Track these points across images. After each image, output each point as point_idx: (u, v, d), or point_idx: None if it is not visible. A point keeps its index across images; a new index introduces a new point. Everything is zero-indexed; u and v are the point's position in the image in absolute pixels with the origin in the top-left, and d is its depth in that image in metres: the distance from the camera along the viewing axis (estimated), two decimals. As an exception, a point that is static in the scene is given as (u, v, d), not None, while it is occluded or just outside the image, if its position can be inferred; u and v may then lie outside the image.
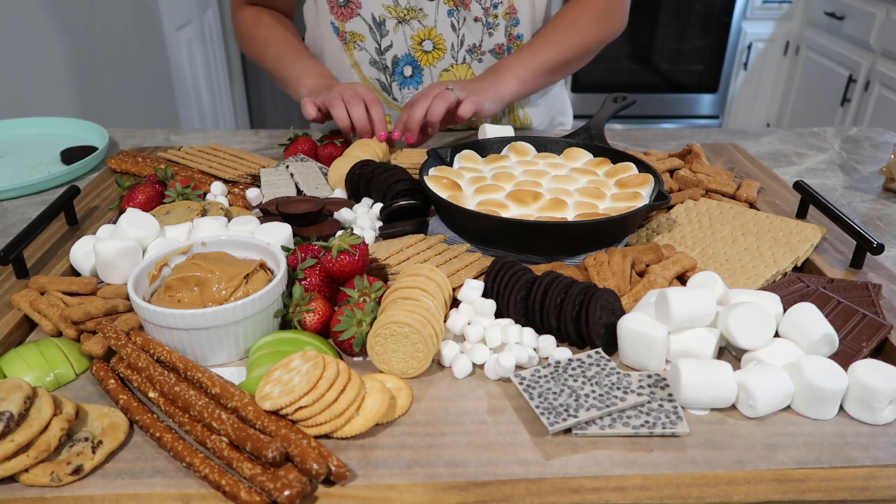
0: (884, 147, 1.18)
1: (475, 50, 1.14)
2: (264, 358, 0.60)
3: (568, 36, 1.11)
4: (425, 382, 0.61)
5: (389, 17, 1.10)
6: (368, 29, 1.11)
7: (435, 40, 1.11)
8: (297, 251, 0.70)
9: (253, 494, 0.48)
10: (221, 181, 0.96)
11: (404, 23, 1.09)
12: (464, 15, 1.09)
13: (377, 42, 1.12)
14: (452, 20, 1.09)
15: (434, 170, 0.89)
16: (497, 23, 1.11)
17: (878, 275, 0.76)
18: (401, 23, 1.10)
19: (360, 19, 1.11)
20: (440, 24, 1.10)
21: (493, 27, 1.11)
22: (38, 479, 0.50)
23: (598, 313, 0.63)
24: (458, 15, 1.09)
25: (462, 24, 1.10)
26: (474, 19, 1.10)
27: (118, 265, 0.71)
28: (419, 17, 1.09)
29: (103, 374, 0.60)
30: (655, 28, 3.15)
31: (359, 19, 1.11)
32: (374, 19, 1.10)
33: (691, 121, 3.30)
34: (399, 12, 1.09)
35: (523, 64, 1.08)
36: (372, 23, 1.10)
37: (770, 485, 0.52)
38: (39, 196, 0.98)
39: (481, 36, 1.12)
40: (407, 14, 1.09)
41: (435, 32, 1.11)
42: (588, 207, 0.81)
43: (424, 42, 1.11)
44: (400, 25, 1.10)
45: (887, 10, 2.52)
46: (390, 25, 1.10)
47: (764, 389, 0.56)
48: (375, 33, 1.11)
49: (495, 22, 1.11)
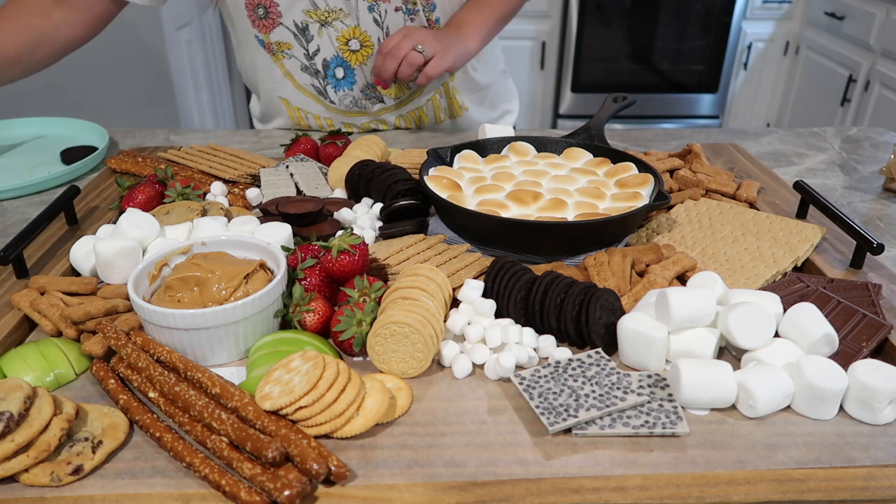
0: (884, 147, 1.18)
1: None
2: (264, 358, 0.60)
3: None
4: (425, 382, 0.61)
5: (312, 22, 1.10)
6: (293, 36, 1.11)
7: (360, 38, 1.11)
8: (297, 251, 0.70)
9: (253, 494, 0.48)
10: (221, 181, 0.96)
11: (327, 25, 1.09)
12: (384, 7, 1.09)
13: (304, 48, 1.13)
14: (374, 15, 1.10)
15: (434, 170, 0.89)
16: (416, 9, 1.12)
17: (878, 275, 0.76)
18: (323, 25, 1.10)
19: (283, 28, 1.11)
20: (363, 21, 1.10)
21: (413, 13, 1.12)
22: (38, 479, 0.50)
23: (598, 313, 0.63)
24: (378, 9, 1.09)
25: (384, 17, 1.10)
26: (395, 9, 1.10)
27: (118, 265, 0.71)
28: (340, 17, 1.09)
29: (103, 374, 0.60)
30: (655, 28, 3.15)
31: (282, 28, 1.11)
32: (297, 25, 1.10)
33: (691, 121, 3.30)
34: (320, 15, 1.09)
35: (481, 17, 1.13)
36: (295, 29, 1.10)
37: (770, 485, 0.52)
38: (39, 196, 0.98)
39: (403, 23, 1.13)
40: (328, 16, 1.09)
41: (359, 30, 1.11)
42: (588, 207, 0.81)
43: (351, 41, 1.11)
44: (323, 28, 1.10)
45: (887, 10, 2.52)
46: (314, 30, 1.10)
47: (764, 389, 0.56)
48: (301, 39, 1.11)
49: (414, 9, 1.12)
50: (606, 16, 3.09)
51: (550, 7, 3.05)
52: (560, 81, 3.19)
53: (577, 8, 3.01)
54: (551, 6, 3.04)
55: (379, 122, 1.23)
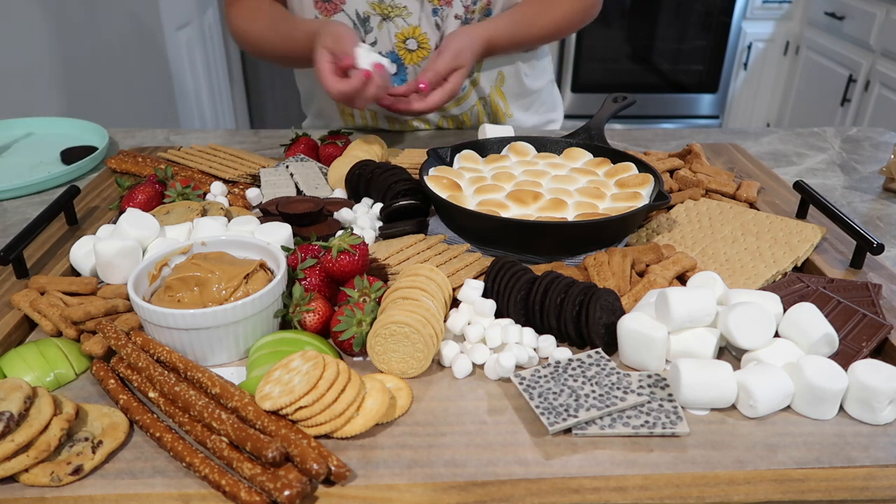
0: (884, 147, 1.18)
1: None
2: (264, 358, 0.60)
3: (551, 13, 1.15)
4: (425, 382, 0.61)
5: (374, 14, 1.09)
6: (352, 25, 1.11)
7: (419, 39, 1.11)
8: (297, 251, 0.70)
9: (253, 494, 0.48)
10: (221, 181, 0.96)
11: (388, 20, 1.09)
12: (447, 12, 1.09)
13: (361, 39, 1.12)
14: (437, 19, 1.09)
15: (434, 170, 0.89)
16: (473, 18, 1.12)
17: (878, 275, 0.76)
18: (385, 20, 1.09)
19: (343, 15, 1.10)
20: (424, 22, 1.10)
21: (468, 22, 1.12)
22: (38, 479, 0.50)
23: (598, 313, 0.63)
24: (441, 14, 1.09)
25: (445, 23, 1.10)
26: (454, 16, 1.10)
27: (118, 265, 0.71)
28: (403, 14, 1.08)
29: (103, 374, 0.60)
30: (655, 28, 3.15)
31: (342, 15, 1.10)
32: (359, 15, 1.10)
33: (691, 121, 3.30)
34: (383, 9, 1.08)
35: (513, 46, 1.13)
36: (356, 18, 1.10)
37: (770, 485, 0.52)
38: (39, 196, 0.98)
39: None
40: (391, 11, 1.08)
41: (419, 31, 1.10)
42: (588, 207, 0.81)
43: (408, 40, 1.10)
44: (384, 23, 1.09)
45: (887, 10, 2.52)
46: (374, 22, 1.10)
47: (764, 389, 0.56)
48: (360, 30, 1.11)
49: (472, 18, 1.11)
50: (606, 16, 3.08)
51: (550, 7, 3.04)
52: (560, 81, 3.19)
53: (577, 8, 3.00)
54: None
55: (423, 120, 1.23)
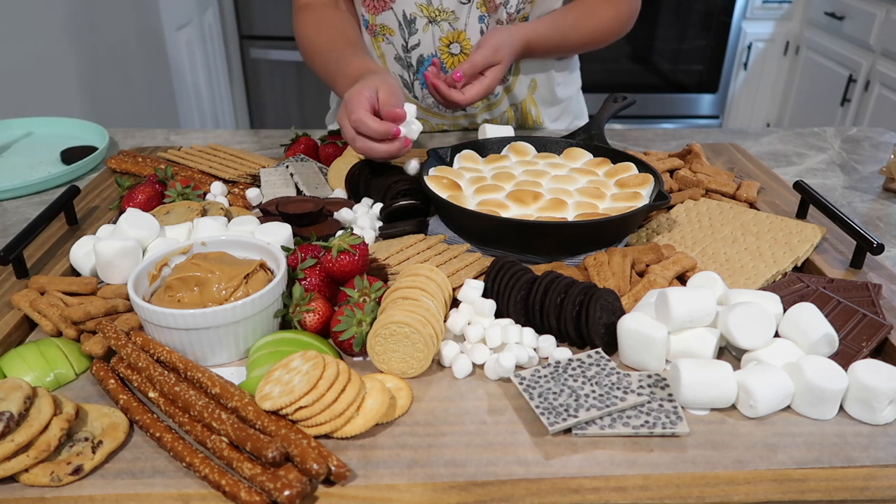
0: (884, 147, 1.18)
1: None
2: (264, 358, 0.60)
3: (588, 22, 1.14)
4: (425, 382, 0.61)
5: (420, 16, 1.09)
6: (398, 25, 1.11)
7: (463, 44, 1.10)
8: (297, 251, 0.70)
9: (253, 494, 0.48)
10: (221, 181, 0.96)
11: (434, 23, 1.09)
12: (493, 20, 1.09)
13: (405, 39, 1.12)
14: (482, 26, 1.09)
15: (434, 170, 0.89)
16: None
17: (878, 275, 0.76)
18: (431, 23, 1.09)
19: (391, 13, 1.10)
20: (470, 28, 1.10)
21: None
22: (38, 479, 0.50)
23: (598, 313, 0.63)
24: (488, 21, 1.09)
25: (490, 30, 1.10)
26: (497, 21, 1.10)
27: (118, 265, 0.71)
28: (450, 19, 1.08)
29: (103, 374, 0.60)
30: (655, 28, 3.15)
31: (390, 13, 1.10)
32: (405, 16, 1.10)
33: (691, 121, 3.30)
34: (431, 12, 1.08)
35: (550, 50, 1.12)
36: (402, 19, 1.10)
37: (770, 485, 0.52)
38: (39, 196, 0.98)
39: None
40: (438, 15, 1.08)
41: (464, 36, 1.10)
42: (588, 207, 0.81)
43: (452, 45, 1.10)
44: (430, 25, 1.09)
45: (887, 10, 2.52)
46: (420, 24, 1.10)
47: (764, 389, 0.56)
48: (404, 30, 1.11)
49: None
50: (606, 16, 3.08)
51: (550, 7, 3.04)
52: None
53: (577, 8, 3.00)
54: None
55: (453, 125, 1.23)
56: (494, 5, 1.07)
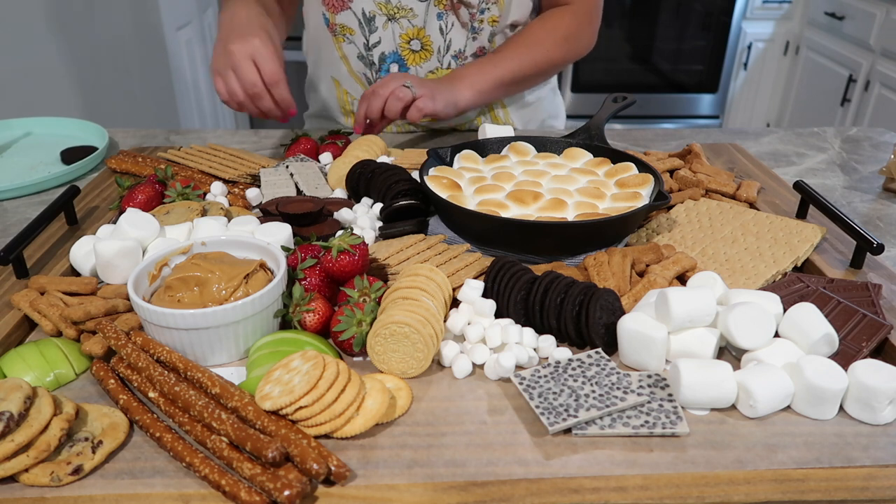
0: (884, 147, 1.18)
1: (459, 55, 1.15)
2: (264, 358, 0.60)
3: (531, 52, 1.12)
4: (425, 382, 0.61)
5: (379, 14, 1.10)
6: (358, 23, 1.12)
7: (423, 41, 1.11)
8: (297, 251, 0.70)
9: (253, 494, 0.48)
10: (221, 181, 0.96)
11: (394, 20, 1.09)
12: (452, 20, 1.09)
13: (365, 37, 1.13)
14: (441, 23, 1.09)
15: (434, 170, 0.89)
16: (482, 28, 1.12)
17: (878, 275, 0.76)
18: (390, 20, 1.10)
19: (350, 13, 1.11)
20: (429, 25, 1.10)
21: (477, 32, 1.12)
22: (38, 479, 0.50)
23: (598, 313, 0.63)
24: (446, 19, 1.09)
25: (450, 29, 1.10)
26: (461, 24, 1.10)
27: (118, 265, 0.71)
28: (409, 16, 1.09)
29: (103, 374, 0.60)
30: (655, 28, 3.15)
31: (349, 13, 1.11)
32: (364, 14, 1.10)
33: (691, 121, 3.30)
34: (389, 9, 1.09)
35: (482, 75, 1.09)
36: (362, 17, 1.11)
37: (770, 485, 0.52)
38: (39, 196, 0.98)
39: (465, 41, 1.13)
40: (397, 12, 1.09)
41: (424, 33, 1.11)
42: (588, 207, 0.81)
43: (412, 41, 1.11)
44: (389, 23, 1.10)
45: (887, 10, 2.52)
46: (380, 22, 1.10)
47: (764, 389, 0.56)
48: (364, 28, 1.12)
49: (480, 27, 1.11)
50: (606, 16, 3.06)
51: (550, 7, 3.04)
52: (560, 81, 3.19)
53: (577, 8, 3.00)
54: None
55: (419, 126, 1.23)
56: (453, 4, 1.08)
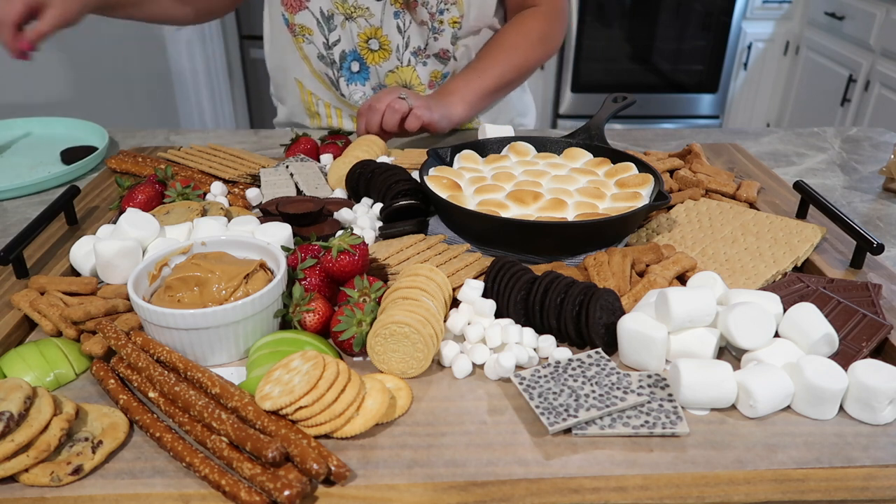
0: (884, 147, 1.18)
1: (420, 52, 1.15)
2: (264, 358, 0.60)
3: (510, 58, 1.14)
4: (425, 382, 0.61)
5: (337, 13, 1.10)
6: (316, 23, 1.12)
7: (381, 40, 1.11)
8: (297, 251, 0.70)
9: (253, 494, 0.48)
10: (221, 181, 0.96)
11: (351, 19, 1.10)
12: (409, 18, 1.10)
13: (325, 37, 1.13)
14: (398, 22, 1.10)
15: (434, 170, 0.89)
16: (442, 28, 1.12)
17: (878, 275, 0.76)
18: (348, 19, 1.10)
19: (308, 13, 1.11)
20: (386, 24, 1.11)
21: (438, 32, 1.12)
22: (38, 479, 0.50)
23: (598, 313, 0.63)
24: (403, 17, 1.09)
25: (408, 27, 1.10)
26: (420, 23, 1.10)
27: (118, 265, 0.71)
28: (365, 15, 1.09)
29: (103, 374, 0.60)
30: (655, 28, 3.15)
31: (307, 13, 1.11)
32: (322, 13, 1.11)
33: (691, 121, 3.30)
34: (346, 9, 1.09)
35: (470, 87, 1.11)
36: (320, 17, 1.11)
37: (770, 485, 0.52)
38: (39, 196, 0.98)
39: (426, 40, 1.13)
40: (353, 11, 1.09)
41: (381, 32, 1.11)
42: (588, 207, 0.81)
43: (371, 40, 1.11)
44: (347, 21, 1.10)
45: (887, 10, 2.52)
46: (338, 21, 1.11)
47: (764, 389, 0.56)
48: (323, 27, 1.12)
49: (440, 27, 1.12)
50: (606, 16, 3.08)
51: (550, 7, 3.04)
52: (560, 81, 3.19)
53: (577, 8, 3.01)
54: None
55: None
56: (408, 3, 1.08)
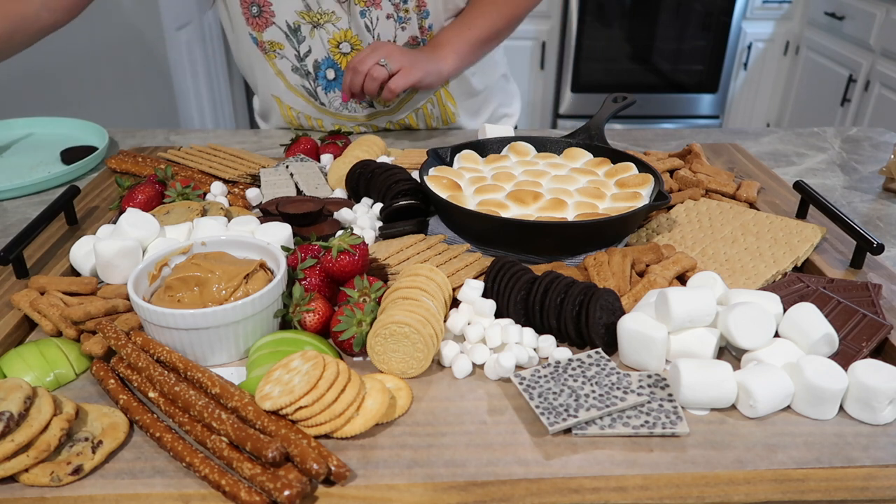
0: (884, 147, 1.18)
1: None
2: (264, 358, 0.60)
3: (500, 7, 1.14)
4: (425, 382, 0.61)
5: (304, 23, 1.09)
6: (285, 36, 1.11)
7: (352, 41, 1.11)
8: (297, 251, 0.70)
9: (253, 494, 0.48)
10: (221, 181, 0.96)
11: (319, 27, 1.09)
12: (376, 14, 1.09)
13: (296, 49, 1.12)
14: (366, 21, 1.09)
15: (434, 170, 0.89)
16: (408, 17, 1.11)
17: (878, 275, 0.76)
18: (315, 27, 1.09)
19: (275, 28, 1.11)
20: (354, 25, 1.10)
21: (404, 21, 1.11)
22: (38, 479, 0.50)
23: (598, 313, 0.63)
24: (370, 14, 1.09)
25: (376, 24, 1.10)
26: (386, 16, 1.10)
27: (118, 265, 0.71)
28: (332, 20, 1.09)
29: (103, 374, 0.60)
30: (655, 28, 3.15)
31: (274, 28, 1.11)
32: (289, 26, 1.10)
33: (691, 121, 3.30)
34: (312, 17, 1.08)
35: (461, 38, 1.11)
36: (287, 30, 1.10)
37: (770, 485, 0.52)
38: (39, 196, 0.98)
39: (394, 32, 1.12)
40: (320, 18, 1.08)
41: (351, 34, 1.11)
42: (588, 207, 0.81)
43: (342, 44, 1.11)
44: (315, 30, 1.10)
45: (887, 10, 2.52)
46: (306, 31, 1.10)
47: (764, 389, 0.56)
48: (292, 40, 1.11)
49: (406, 17, 1.11)
50: (606, 16, 3.08)
51: (550, 7, 3.05)
52: (560, 81, 3.19)
53: (577, 8, 3.01)
54: (551, 6, 3.04)
55: (369, 126, 1.23)
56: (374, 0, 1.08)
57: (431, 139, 1.20)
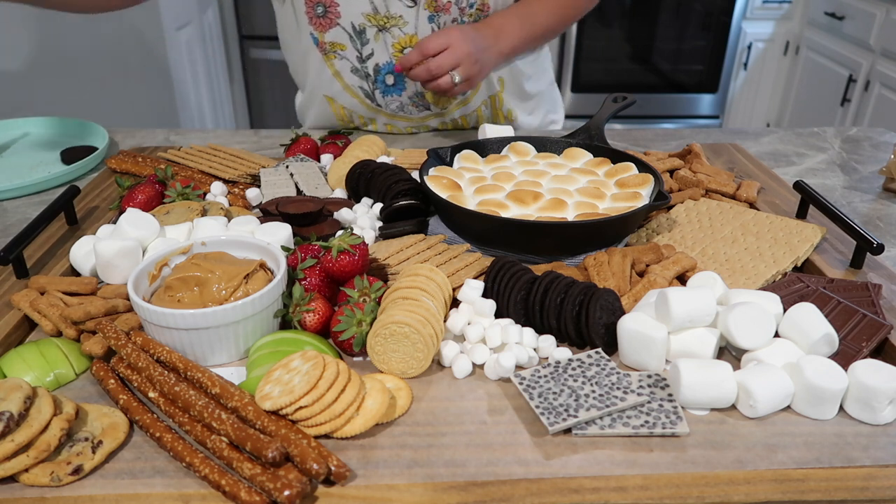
0: (884, 147, 1.18)
1: None
2: (264, 358, 0.60)
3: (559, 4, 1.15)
4: (425, 382, 0.61)
5: (369, 26, 1.09)
6: (349, 38, 1.11)
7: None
8: (297, 251, 0.70)
9: (253, 494, 0.48)
10: (221, 181, 0.96)
11: (384, 31, 1.08)
12: (444, 19, 1.08)
13: (358, 50, 1.12)
14: (433, 26, 1.08)
15: (434, 170, 0.89)
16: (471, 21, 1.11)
17: (878, 275, 0.76)
18: (381, 31, 1.09)
19: (339, 29, 1.10)
20: (421, 30, 1.09)
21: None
22: (38, 479, 0.50)
23: (598, 313, 0.63)
24: (438, 20, 1.08)
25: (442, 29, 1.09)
26: (452, 21, 1.09)
27: (118, 265, 0.71)
28: (399, 24, 1.08)
29: (103, 374, 0.60)
30: (655, 28, 3.15)
31: (338, 29, 1.10)
32: (354, 28, 1.09)
33: (691, 121, 3.30)
34: (379, 20, 1.08)
35: (524, 24, 1.11)
36: (352, 31, 1.10)
37: (770, 485, 0.52)
38: (39, 196, 0.98)
39: None
40: (387, 22, 1.07)
41: (416, 39, 1.09)
42: (588, 207, 0.81)
43: (406, 49, 1.09)
44: (380, 33, 1.09)
45: (887, 10, 2.52)
46: (370, 34, 1.09)
47: (764, 389, 0.56)
48: (356, 41, 1.11)
49: (470, 21, 1.11)
50: (606, 16, 3.09)
51: (550, 7, 3.04)
52: (560, 81, 3.19)
53: (577, 8, 3.00)
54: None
55: (421, 126, 1.23)
56: (442, 4, 1.07)
57: (432, 139, 1.20)
